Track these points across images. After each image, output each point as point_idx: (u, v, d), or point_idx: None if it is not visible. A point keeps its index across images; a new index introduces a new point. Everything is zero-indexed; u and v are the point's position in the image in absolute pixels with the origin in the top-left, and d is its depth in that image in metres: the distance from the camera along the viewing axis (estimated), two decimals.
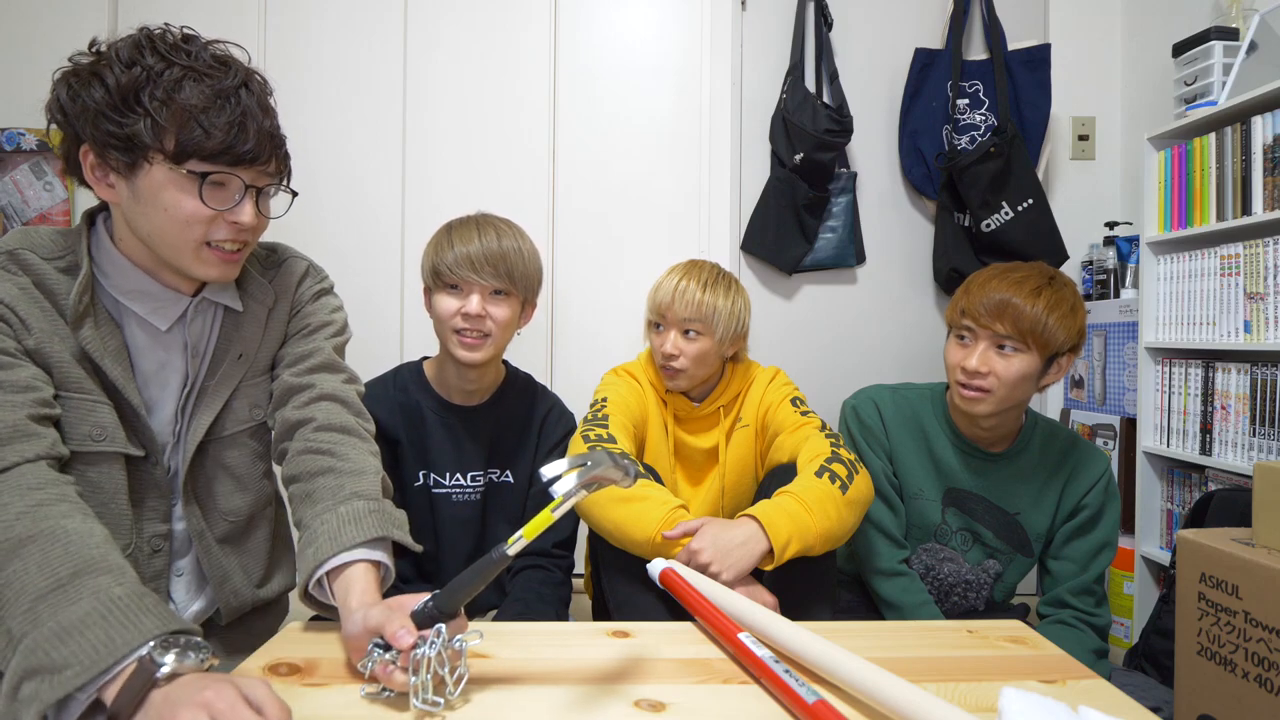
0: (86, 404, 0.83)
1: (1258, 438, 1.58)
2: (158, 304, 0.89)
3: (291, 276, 1.03)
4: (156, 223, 0.82)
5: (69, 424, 0.81)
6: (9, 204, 2.05)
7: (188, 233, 0.83)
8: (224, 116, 0.80)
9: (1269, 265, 1.56)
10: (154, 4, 2.08)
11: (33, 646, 0.60)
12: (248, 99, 0.83)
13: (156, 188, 0.81)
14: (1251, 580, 1.09)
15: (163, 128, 0.78)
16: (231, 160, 0.81)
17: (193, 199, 0.81)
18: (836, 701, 0.63)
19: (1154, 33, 2.15)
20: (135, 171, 0.80)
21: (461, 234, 1.19)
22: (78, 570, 0.65)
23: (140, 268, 0.88)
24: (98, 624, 0.61)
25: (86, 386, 0.83)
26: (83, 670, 0.59)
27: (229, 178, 0.83)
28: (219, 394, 0.94)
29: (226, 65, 0.84)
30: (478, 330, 1.18)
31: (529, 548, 1.28)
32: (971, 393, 1.19)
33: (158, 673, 0.59)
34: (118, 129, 0.78)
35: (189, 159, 0.80)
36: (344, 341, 1.06)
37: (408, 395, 1.26)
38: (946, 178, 2.13)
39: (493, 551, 0.67)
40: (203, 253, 0.85)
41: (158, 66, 0.79)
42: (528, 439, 1.31)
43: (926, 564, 1.32)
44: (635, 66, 2.16)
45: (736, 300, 1.31)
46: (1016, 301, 1.16)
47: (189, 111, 0.79)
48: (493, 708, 0.65)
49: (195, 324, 0.92)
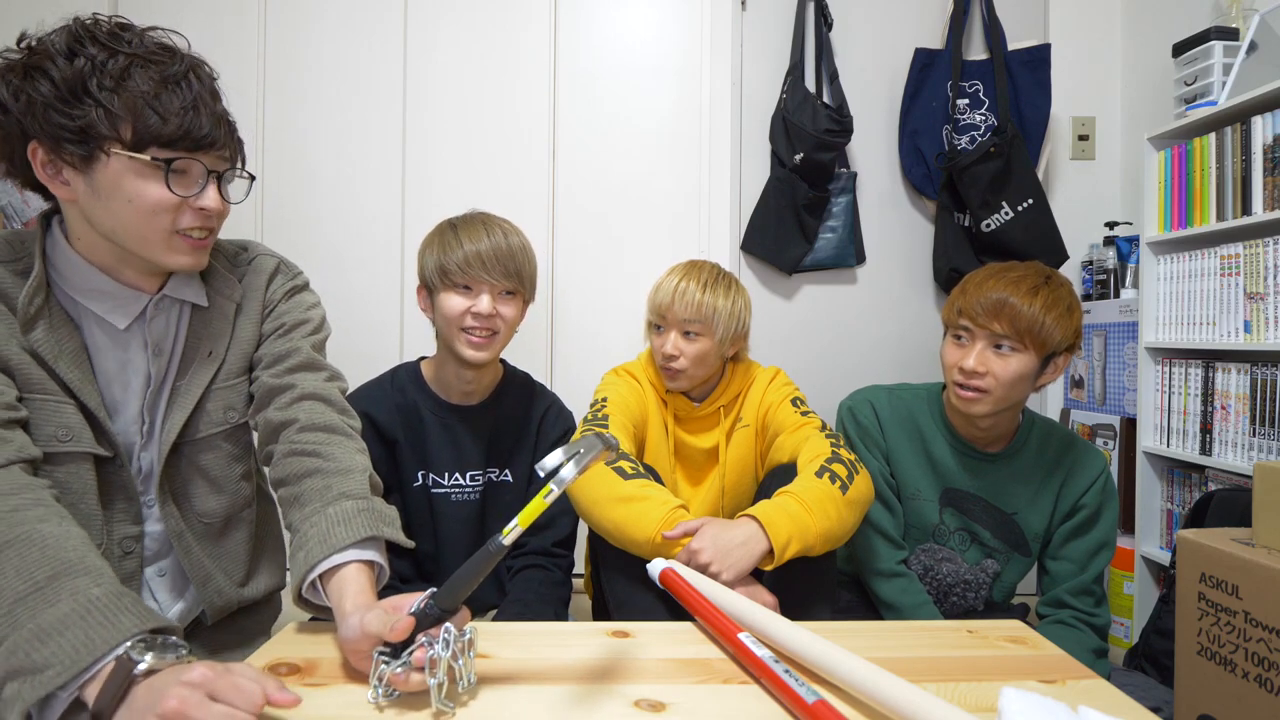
0: (50, 404, 0.82)
1: (1258, 438, 1.58)
2: (116, 302, 0.87)
3: (261, 275, 1.00)
4: (120, 215, 0.81)
5: (35, 425, 0.80)
6: (9, 204, 2.05)
7: (155, 222, 0.82)
8: (177, 101, 0.79)
9: (1269, 265, 1.56)
10: (154, 4, 2.08)
11: (13, 649, 0.61)
12: (197, 84, 0.82)
13: (116, 179, 0.79)
14: (1251, 580, 1.09)
15: (117, 116, 0.77)
16: (191, 145, 0.81)
17: (157, 186, 0.80)
18: (836, 701, 0.63)
19: (1154, 33, 2.15)
20: (92, 165, 0.79)
21: (469, 233, 1.19)
22: (55, 573, 0.65)
23: (97, 266, 0.86)
24: (76, 625, 0.62)
25: (49, 387, 0.82)
26: (63, 670, 0.59)
27: (190, 164, 0.82)
28: (190, 394, 0.92)
29: (171, 51, 0.83)
30: (487, 329, 1.18)
31: (529, 547, 1.28)
32: (969, 393, 1.19)
33: (135, 670, 0.59)
34: (69, 121, 0.76)
35: (148, 146, 0.79)
36: (323, 339, 1.04)
37: (405, 396, 1.26)
38: (946, 178, 2.13)
39: (489, 544, 0.67)
40: (173, 241, 0.84)
41: (100, 56, 0.78)
42: (526, 438, 1.31)
43: (925, 564, 1.32)
44: (635, 67, 2.16)
45: (736, 300, 1.31)
46: (1013, 301, 1.16)
47: (141, 98, 0.77)
48: (493, 708, 0.65)
49: (157, 321, 0.91)
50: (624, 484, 1.09)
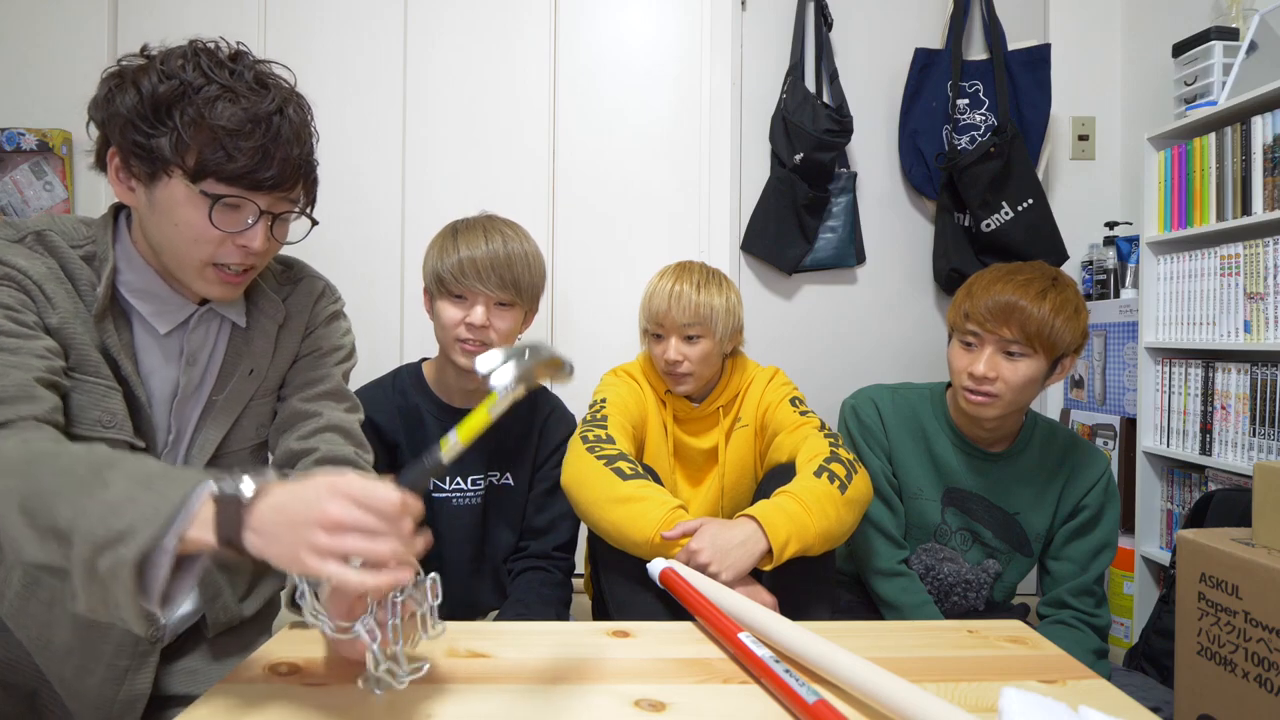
0: (100, 389, 0.82)
1: (1258, 438, 1.58)
2: (164, 307, 0.88)
3: (308, 296, 1.02)
4: (166, 235, 0.82)
5: (81, 407, 0.81)
6: (9, 204, 2.05)
7: (195, 251, 0.82)
8: (251, 141, 0.79)
9: (1269, 265, 1.56)
10: (155, 4, 2.08)
11: (90, 529, 0.59)
12: (281, 124, 0.81)
13: (171, 202, 0.80)
14: (1251, 580, 1.09)
15: (187, 145, 0.77)
16: (249, 185, 0.80)
17: (203, 217, 0.80)
18: (836, 701, 0.63)
19: (1154, 33, 2.15)
20: (155, 182, 0.80)
21: (467, 238, 1.17)
22: (97, 466, 0.64)
23: (153, 268, 0.88)
24: (143, 492, 0.60)
25: (103, 373, 0.83)
26: (151, 523, 0.58)
27: (244, 201, 0.81)
28: (229, 410, 0.93)
29: (266, 88, 0.82)
30: (480, 341, 1.17)
31: (530, 551, 1.28)
32: (979, 398, 1.18)
33: (242, 496, 0.59)
34: (143, 139, 0.78)
35: (206, 179, 0.79)
36: (351, 367, 1.06)
37: (407, 399, 1.26)
38: (946, 178, 2.13)
39: (425, 457, 0.65)
40: (207, 272, 0.84)
41: (196, 82, 0.78)
42: (529, 442, 1.31)
43: (926, 564, 1.32)
44: (635, 66, 2.16)
45: (730, 296, 1.31)
46: (1023, 305, 1.14)
47: (216, 133, 0.78)
48: (493, 708, 0.65)
49: (197, 333, 0.91)
50: (623, 484, 1.09)
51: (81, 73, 2.07)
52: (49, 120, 2.06)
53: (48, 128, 2.04)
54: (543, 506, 1.29)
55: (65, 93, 2.06)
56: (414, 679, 0.64)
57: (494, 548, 1.28)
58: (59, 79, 2.08)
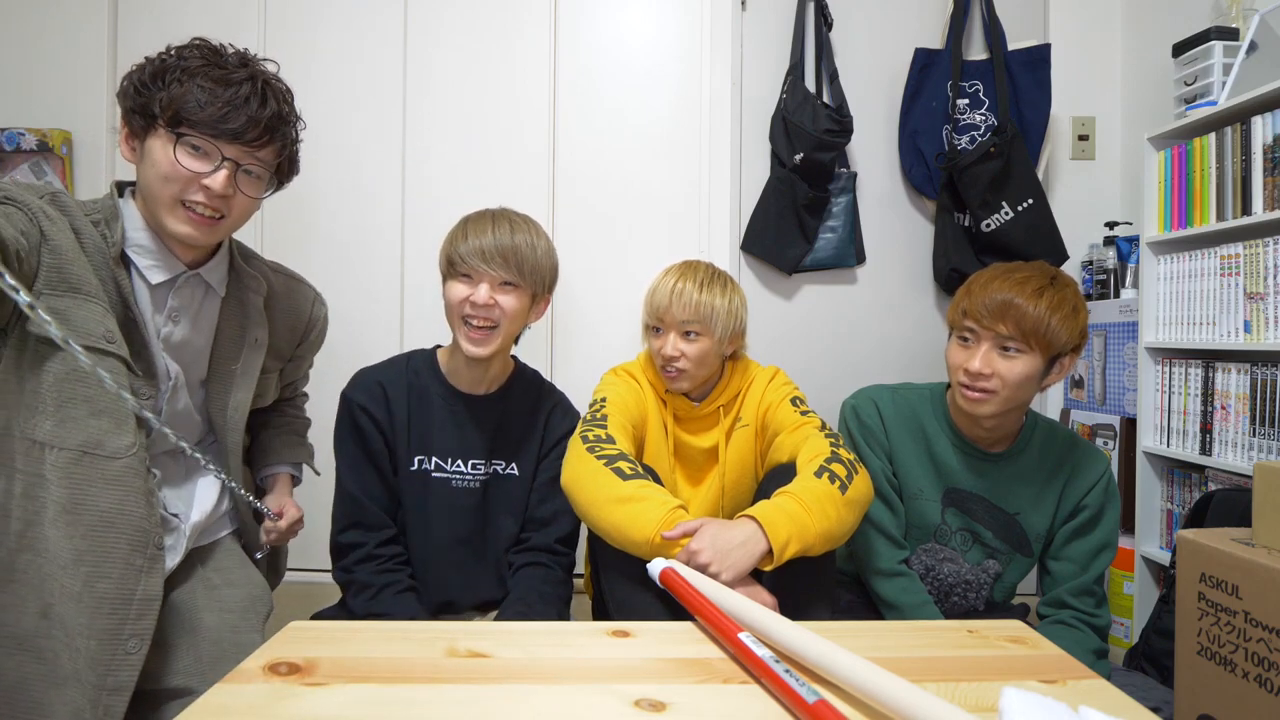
0: (100, 309, 0.93)
1: (1258, 438, 1.58)
2: (156, 260, 1.01)
3: (304, 298, 1.23)
4: (148, 178, 0.97)
5: (88, 319, 0.91)
6: None
7: (165, 188, 0.96)
8: (223, 97, 0.94)
9: (1269, 265, 1.56)
10: (155, 4, 2.08)
11: None
12: (250, 89, 0.96)
13: (152, 147, 0.96)
14: (1251, 580, 1.09)
15: (169, 100, 0.93)
16: (215, 134, 0.95)
17: (170, 155, 0.95)
18: (836, 701, 0.63)
19: (1154, 33, 2.15)
20: (146, 136, 0.97)
21: (477, 227, 1.22)
22: None
23: (150, 230, 1.01)
24: None
25: (101, 297, 0.93)
26: None
27: (211, 147, 0.96)
28: (249, 375, 1.13)
29: (246, 65, 0.99)
30: (485, 319, 1.19)
31: (532, 543, 1.30)
32: (975, 394, 1.19)
33: None
34: (140, 98, 0.95)
35: (181, 125, 0.94)
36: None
37: (419, 378, 1.28)
38: (946, 178, 2.13)
39: None
40: (177, 210, 0.97)
41: (192, 60, 0.96)
42: (532, 433, 1.32)
43: (926, 564, 1.32)
44: (635, 66, 2.16)
45: (733, 298, 1.31)
46: (1019, 302, 1.15)
47: (193, 89, 0.94)
48: (493, 708, 0.65)
49: (183, 291, 1.05)
50: (623, 484, 1.09)
51: (81, 73, 2.07)
52: (49, 120, 2.06)
53: (48, 128, 2.04)
54: (545, 497, 1.30)
55: (65, 93, 2.06)
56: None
57: (496, 537, 1.29)
58: (59, 79, 2.08)
